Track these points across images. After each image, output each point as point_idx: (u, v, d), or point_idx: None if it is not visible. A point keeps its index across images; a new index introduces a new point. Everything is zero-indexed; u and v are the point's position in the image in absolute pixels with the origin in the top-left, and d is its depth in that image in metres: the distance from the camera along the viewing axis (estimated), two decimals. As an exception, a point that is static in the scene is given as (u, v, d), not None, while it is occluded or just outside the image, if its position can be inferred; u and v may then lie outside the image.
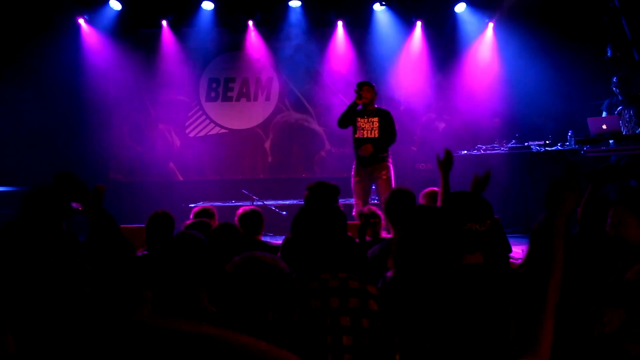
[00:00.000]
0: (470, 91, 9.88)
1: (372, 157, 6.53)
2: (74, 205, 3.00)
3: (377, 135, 6.54)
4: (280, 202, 8.83)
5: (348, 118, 6.65)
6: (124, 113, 10.15)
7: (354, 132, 6.68)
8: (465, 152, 8.74)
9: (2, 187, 8.48)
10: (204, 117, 10.41)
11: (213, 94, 10.45)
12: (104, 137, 10.05)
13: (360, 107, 6.64)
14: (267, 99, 10.48)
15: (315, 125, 10.48)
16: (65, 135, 9.68)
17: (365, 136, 6.59)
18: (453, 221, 2.17)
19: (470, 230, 2.15)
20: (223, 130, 10.42)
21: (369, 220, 4.44)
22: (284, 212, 8.21)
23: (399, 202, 3.72)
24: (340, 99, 10.27)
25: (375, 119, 6.59)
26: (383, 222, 4.60)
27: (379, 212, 4.70)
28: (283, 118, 10.46)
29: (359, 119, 6.64)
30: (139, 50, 10.10)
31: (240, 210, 4.32)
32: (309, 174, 10.20)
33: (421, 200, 4.26)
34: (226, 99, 10.48)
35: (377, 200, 6.76)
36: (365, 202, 6.61)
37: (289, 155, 10.47)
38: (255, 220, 4.21)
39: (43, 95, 9.36)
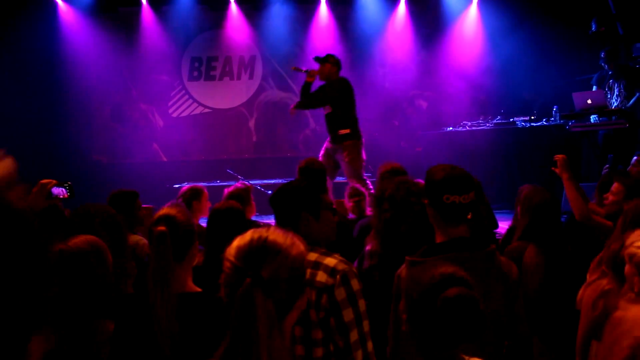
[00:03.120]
0: (455, 67, 9.83)
1: (331, 133, 6.27)
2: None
3: (330, 110, 6.27)
4: (266, 181, 8.80)
5: (306, 98, 6.43)
6: (105, 94, 9.99)
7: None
8: (451, 128, 8.75)
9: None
10: (186, 96, 10.32)
11: (195, 73, 10.33)
12: (85, 119, 9.90)
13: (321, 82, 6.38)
14: (251, 77, 10.39)
15: (299, 104, 10.38)
16: (45, 117, 9.52)
17: (325, 112, 6.36)
18: (435, 195, 2.13)
19: (454, 204, 2.11)
20: (206, 110, 10.32)
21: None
22: (269, 192, 8.17)
23: (392, 177, 3.69)
24: (324, 77, 10.20)
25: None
26: (368, 198, 4.60)
27: (363, 189, 4.70)
28: (267, 97, 10.39)
29: None
30: (118, 29, 9.94)
31: (230, 189, 4.23)
32: (294, 153, 10.15)
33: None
34: (209, 78, 10.37)
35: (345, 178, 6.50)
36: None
37: (273, 134, 10.42)
38: (245, 199, 4.11)
39: (19, 78, 9.18)
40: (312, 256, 2.02)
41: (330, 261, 2.02)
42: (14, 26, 8.99)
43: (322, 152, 6.42)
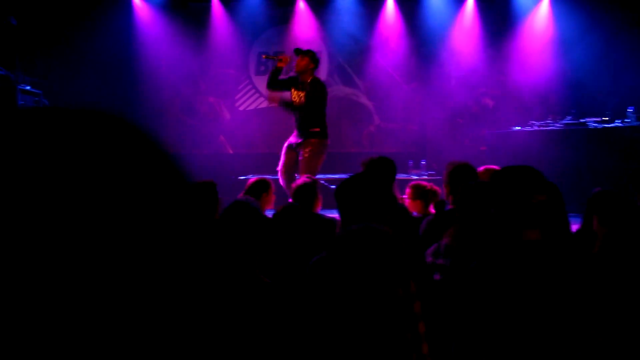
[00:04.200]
0: (524, 65, 9.60)
1: (300, 129, 6.31)
2: None
3: (303, 103, 6.30)
4: (329, 175, 8.79)
5: (273, 82, 6.51)
6: (176, 87, 10.26)
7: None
8: (518, 128, 8.54)
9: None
10: (253, 90, 10.46)
11: (263, 68, 10.43)
12: (157, 112, 10.23)
13: (296, 75, 6.44)
14: (317, 72, 10.39)
15: (364, 100, 10.42)
16: (120, 110, 9.88)
17: (299, 111, 6.35)
18: (520, 195, 2.11)
19: (539, 203, 2.09)
20: (272, 104, 10.44)
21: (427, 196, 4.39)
22: (333, 186, 8.19)
23: (461, 175, 3.66)
24: (389, 74, 10.17)
25: (303, 94, 6.37)
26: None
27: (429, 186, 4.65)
28: (332, 92, 10.33)
29: (292, 89, 6.48)
30: (189, 23, 10.17)
31: (298, 182, 4.27)
32: (358, 149, 10.15)
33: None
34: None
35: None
36: (284, 173, 6.36)
37: (337, 129, 10.39)
38: (313, 193, 4.17)
39: (97, 73, 9.54)
40: None
41: None
42: (92, 23, 9.34)
43: (284, 148, 6.46)
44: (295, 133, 6.44)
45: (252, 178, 4.59)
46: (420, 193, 4.59)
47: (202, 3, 10.24)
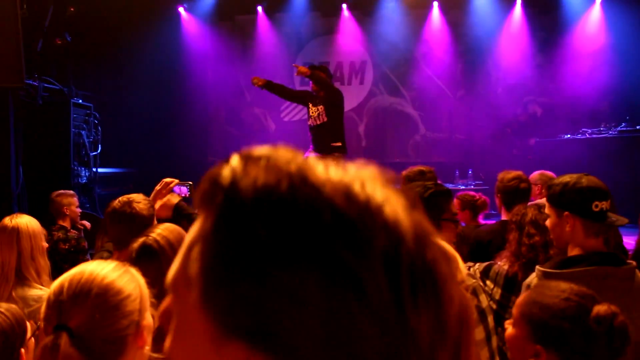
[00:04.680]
0: (574, 72, 9.34)
1: (322, 145, 6.22)
2: None
3: (325, 120, 6.24)
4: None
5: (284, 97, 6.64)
6: (221, 98, 10.41)
7: (308, 119, 6.49)
8: (569, 136, 8.32)
9: (112, 168, 8.97)
10: (298, 101, 10.51)
11: (307, 79, 10.50)
12: (203, 122, 10.36)
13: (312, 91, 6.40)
14: (361, 82, 10.42)
15: (409, 109, 10.34)
16: (168, 120, 10.07)
17: (314, 124, 6.32)
18: (581, 203, 2.04)
19: (602, 212, 2.01)
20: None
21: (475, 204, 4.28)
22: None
23: (515, 185, 3.57)
24: (435, 82, 10.06)
25: (321, 108, 6.29)
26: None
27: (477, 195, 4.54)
28: (377, 102, 10.37)
29: (310, 105, 6.42)
30: (235, 36, 10.32)
31: None
32: (403, 159, 10.05)
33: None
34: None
35: None
36: None
37: (383, 139, 10.39)
38: None
39: (148, 84, 9.73)
40: None
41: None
42: (141, 37, 9.52)
43: None
44: (311, 148, 6.41)
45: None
46: (468, 203, 4.48)
47: (248, 15, 10.36)
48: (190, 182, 3.08)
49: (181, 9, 10.25)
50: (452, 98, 10.12)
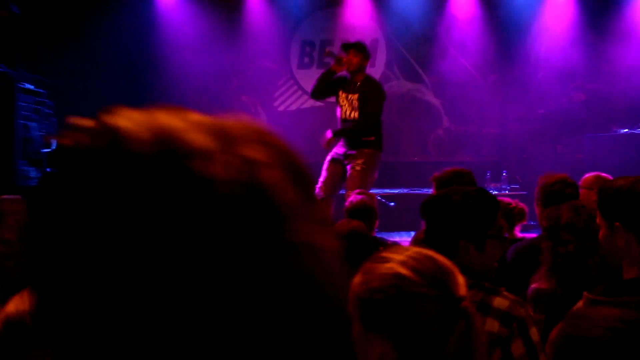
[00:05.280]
0: (631, 52, 9.31)
1: (353, 141, 6.27)
2: None
3: (356, 117, 6.26)
4: (387, 190, 8.70)
5: (323, 88, 6.47)
6: (203, 83, 10.32)
7: (337, 108, 6.48)
8: (626, 130, 8.36)
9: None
10: (295, 87, 10.48)
11: (307, 60, 10.47)
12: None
13: (347, 75, 6.32)
14: (372, 65, 10.25)
15: (430, 97, 10.35)
16: (139, 106, 9.95)
17: (343, 117, 6.33)
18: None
19: None
20: (318, 104, 10.37)
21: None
22: (392, 204, 8.11)
23: (560, 192, 3.58)
24: (462, 65, 10.03)
25: (355, 96, 6.25)
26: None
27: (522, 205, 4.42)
28: (391, 88, 10.21)
29: (340, 93, 6.36)
30: (219, 9, 10.20)
31: (352, 199, 4.27)
32: (423, 157, 10.09)
33: (581, 191, 3.92)
34: (322, 65, 10.34)
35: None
36: (327, 189, 6.30)
37: (398, 134, 10.22)
38: (371, 211, 4.18)
39: (114, 67, 9.69)
40: (476, 296, 1.91)
41: (502, 302, 1.92)
42: (106, 13, 9.48)
43: (327, 161, 6.43)
44: (342, 142, 6.40)
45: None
46: (503, 213, 4.32)
47: (235, -16, 10.32)
48: None
49: (153, -24, 10.17)
50: (483, 84, 10.11)
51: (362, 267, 1.40)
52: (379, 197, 8.18)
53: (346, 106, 6.35)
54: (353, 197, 4.29)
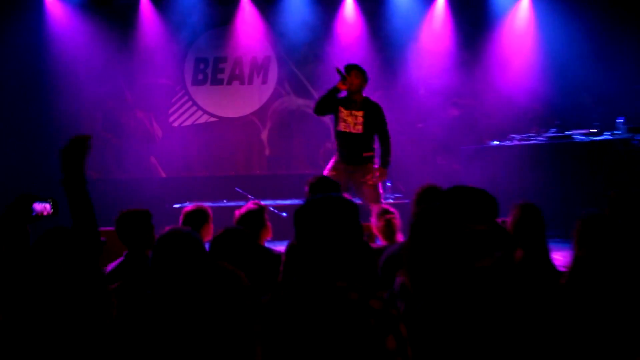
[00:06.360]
0: (502, 71, 9.90)
1: (355, 155, 6.65)
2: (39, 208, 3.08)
3: (360, 131, 6.62)
4: (280, 202, 8.87)
5: (328, 104, 6.72)
6: (96, 99, 10.13)
7: (336, 123, 6.77)
8: (497, 142, 8.79)
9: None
10: (190, 103, 10.48)
11: (201, 77, 10.50)
12: (73, 127, 10.08)
13: (344, 93, 6.66)
14: (264, 82, 10.53)
15: (320, 113, 10.50)
16: (27, 124, 9.76)
17: (348, 130, 6.66)
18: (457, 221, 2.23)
19: (479, 232, 2.22)
20: (212, 119, 10.46)
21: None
22: (284, 214, 8.23)
23: (429, 200, 3.72)
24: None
25: (360, 113, 6.63)
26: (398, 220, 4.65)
27: (392, 209, 4.75)
28: (283, 104, 10.50)
29: (341, 109, 6.68)
30: (112, 25, 10.07)
31: (242, 210, 4.33)
32: (314, 169, 10.06)
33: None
34: (216, 82, 10.53)
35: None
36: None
37: (289, 147, 10.54)
38: (260, 220, 4.26)
39: (5, 81, 9.43)
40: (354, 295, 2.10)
41: (376, 303, 2.09)
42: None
43: (330, 172, 6.70)
44: (343, 157, 6.73)
45: (189, 206, 4.58)
46: (383, 212, 4.69)
47: (129, 1, 10.18)
48: (52, 199, 3.14)
49: (44, -9, 9.97)
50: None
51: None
52: (271, 208, 8.41)
53: (350, 121, 6.63)
54: (243, 208, 4.38)
